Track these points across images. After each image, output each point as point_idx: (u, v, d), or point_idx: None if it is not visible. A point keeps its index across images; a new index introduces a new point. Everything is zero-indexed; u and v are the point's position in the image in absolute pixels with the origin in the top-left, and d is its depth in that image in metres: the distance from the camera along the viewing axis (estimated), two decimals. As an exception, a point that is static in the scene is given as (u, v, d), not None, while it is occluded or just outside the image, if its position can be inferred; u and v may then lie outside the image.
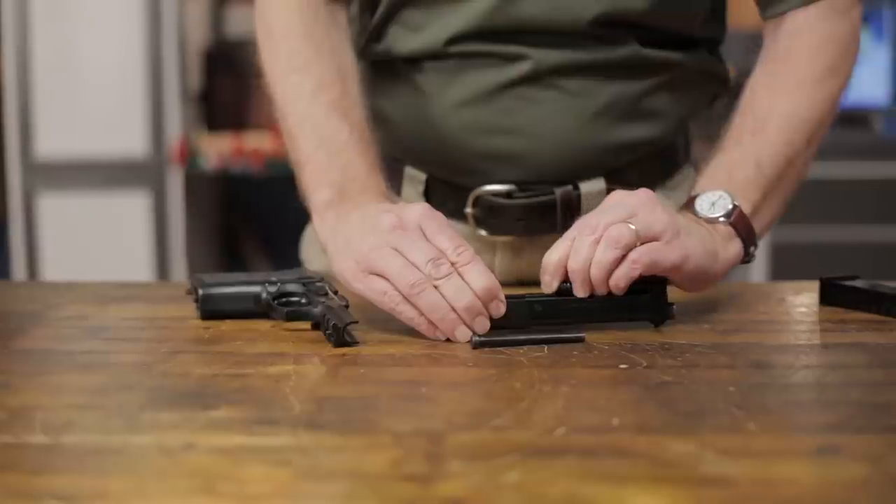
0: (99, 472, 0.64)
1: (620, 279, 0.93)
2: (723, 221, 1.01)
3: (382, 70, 1.17)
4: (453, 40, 1.09)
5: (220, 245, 3.99)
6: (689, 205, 1.03)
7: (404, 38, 1.12)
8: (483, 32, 1.08)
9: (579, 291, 0.94)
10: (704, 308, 1.06)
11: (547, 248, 1.15)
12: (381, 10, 1.13)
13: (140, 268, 3.43)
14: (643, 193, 0.96)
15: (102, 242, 3.43)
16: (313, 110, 1.08)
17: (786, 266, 3.58)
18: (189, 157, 3.43)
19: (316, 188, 1.05)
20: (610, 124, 1.11)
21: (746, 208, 1.03)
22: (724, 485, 0.62)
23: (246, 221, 4.00)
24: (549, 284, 0.95)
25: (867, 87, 3.72)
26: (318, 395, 0.79)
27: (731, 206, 1.01)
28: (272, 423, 0.72)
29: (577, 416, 0.74)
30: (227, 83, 3.74)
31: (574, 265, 0.94)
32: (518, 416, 0.73)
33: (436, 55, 1.10)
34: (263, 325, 1.00)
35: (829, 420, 0.73)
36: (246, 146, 3.50)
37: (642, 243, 0.93)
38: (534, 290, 0.98)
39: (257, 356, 0.89)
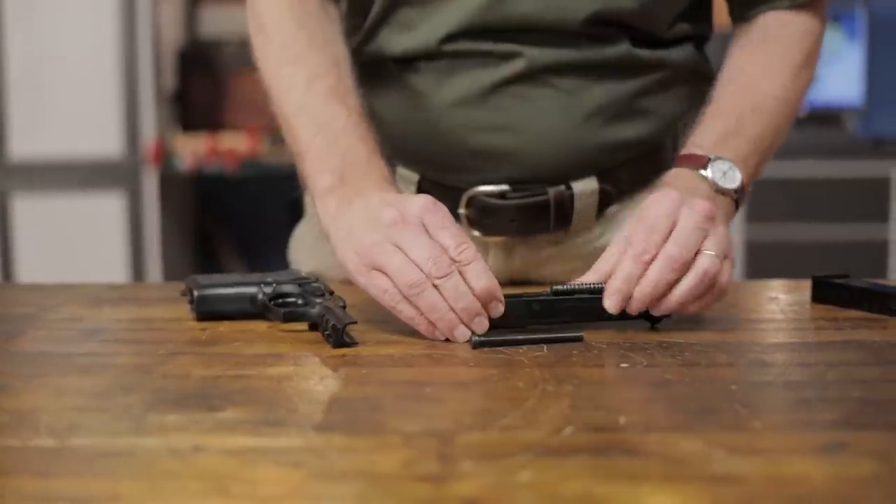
0: (110, 475, 0.64)
1: (697, 309, 0.96)
2: (732, 195, 1.04)
3: (373, 71, 1.17)
4: (447, 39, 1.09)
5: (195, 246, 3.98)
6: (693, 162, 1.05)
7: (397, 38, 1.12)
8: (476, 30, 1.08)
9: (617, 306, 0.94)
10: (698, 307, 1.07)
11: (539, 247, 1.16)
12: (375, 10, 1.13)
13: (115, 268, 3.41)
14: (704, 209, 0.95)
15: (78, 243, 3.41)
16: (309, 99, 1.07)
17: (760, 264, 3.60)
18: (164, 158, 3.42)
19: (317, 175, 1.04)
20: (603, 123, 1.12)
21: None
22: (736, 483, 0.62)
23: (220, 222, 3.99)
24: (615, 307, 0.94)
25: (839, 87, 3.75)
26: (322, 395, 0.79)
27: (739, 182, 1.04)
28: (279, 425, 0.72)
29: (584, 415, 0.74)
30: (201, 83, 3.73)
31: (653, 294, 0.93)
32: (524, 415, 0.74)
33: (429, 54, 1.10)
34: (260, 326, 1.00)
35: (833, 417, 0.73)
36: (221, 146, 3.49)
37: None
38: (530, 290, 0.99)
39: (257, 357, 0.89)
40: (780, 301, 1.10)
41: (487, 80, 1.10)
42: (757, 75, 1.12)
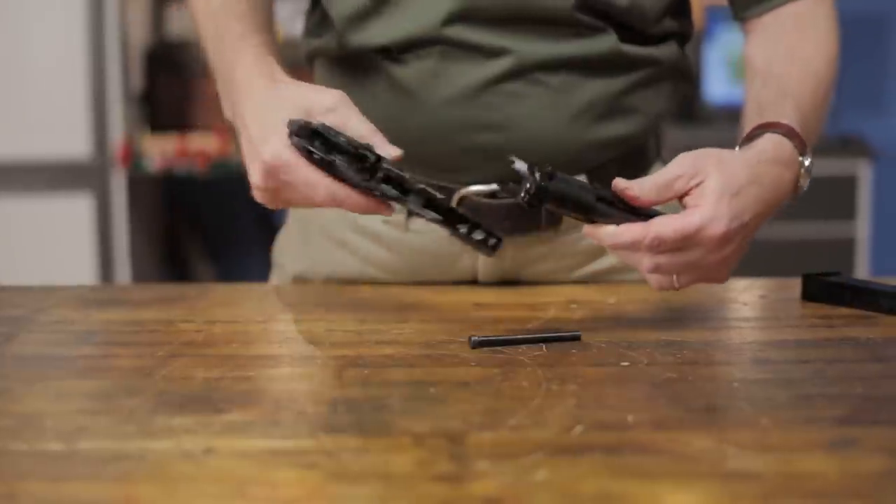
0: (124, 479, 0.63)
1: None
2: (800, 192, 1.03)
3: (358, 67, 1.15)
4: (445, 21, 1.08)
5: (164, 247, 3.95)
6: (794, 138, 1.02)
7: (391, 24, 1.10)
8: (472, 15, 1.07)
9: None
10: (689, 305, 1.08)
11: (529, 246, 1.16)
12: None
13: (83, 270, 3.38)
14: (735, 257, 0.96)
15: (45, 245, 3.37)
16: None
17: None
18: (132, 159, 3.40)
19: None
20: (592, 121, 1.12)
21: None
22: (751, 479, 0.63)
23: (189, 223, 3.96)
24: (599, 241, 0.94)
25: (806, 86, 3.77)
26: (327, 396, 0.79)
27: (807, 186, 1.03)
28: (289, 426, 0.72)
29: (591, 413, 0.74)
30: (169, 83, 3.70)
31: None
32: (532, 414, 0.74)
33: (424, 41, 1.09)
34: (255, 326, 0.99)
35: (838, 414, 0.74)
36: (190, 147, 3.47)
37: None
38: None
39: (256, 358, 0.89)
40: (771, 299, 1.11)
41: (478, 77, 1.09)
42: (819, 62, 1.12)
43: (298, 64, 1.28)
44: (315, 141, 0.92)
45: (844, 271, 1.10)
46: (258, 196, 0.99)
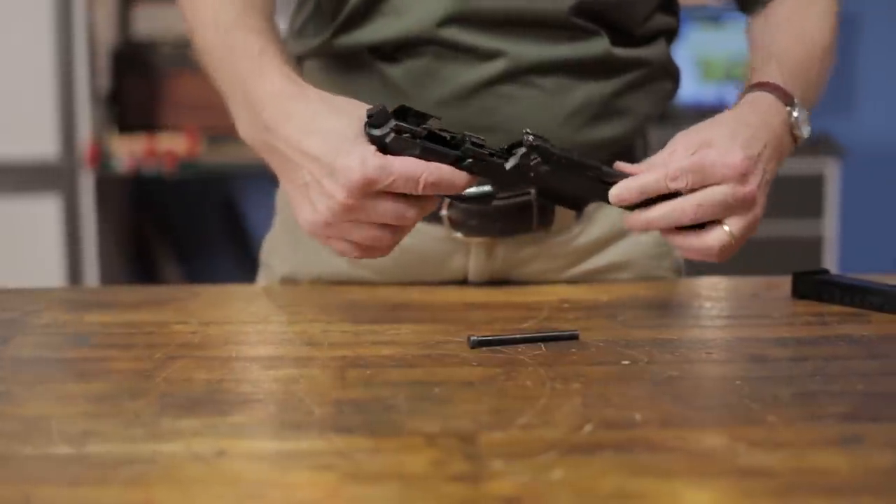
0: (138, 483, 0.63)
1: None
2: (798, 143, 1.07)
3: (351, 67, 1.15)
4: (441, 23, 1.07)
5: (132, 248, 3.93)
6: (776, 91, 1.05)
7: (384, 24, 1.10)
8: (466, 16, 1.07)
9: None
10: (682, 303, 1.09)
11: (519, 246, 1.16)
12: None
13: (51, 272, 3.36)
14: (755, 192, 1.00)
15: (12, 247, 3.34)
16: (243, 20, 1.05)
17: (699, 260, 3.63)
18: (101, 159, 3.37)
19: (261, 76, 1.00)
20: (584, 123, 1.12)
21: None
22: (766, 476, 0.63)
23: (158, 224, 3.94)
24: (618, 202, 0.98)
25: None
26: (332, 397, 0.79)
27: (809, 134, 1.06)
28: (298, 428, 0.72)
29: (598, 412, 0.75)
30: (136, 84, 3.68)
31: (647, 227, 0.98)
32: (540, 414, 0.74)
33: (415, 43, 1.09)
34: (250, 328, 0.99)
35: (842, 410, 0.75)
36: (158, 147, 3.45)
37: None
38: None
39: (256, 360, 0.88)
40: (762, 297, 1.11)
41: (471, 79, 1.09)
42: (806, 27, 1.15)
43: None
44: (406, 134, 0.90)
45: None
46: (319, 230, 0.92)
